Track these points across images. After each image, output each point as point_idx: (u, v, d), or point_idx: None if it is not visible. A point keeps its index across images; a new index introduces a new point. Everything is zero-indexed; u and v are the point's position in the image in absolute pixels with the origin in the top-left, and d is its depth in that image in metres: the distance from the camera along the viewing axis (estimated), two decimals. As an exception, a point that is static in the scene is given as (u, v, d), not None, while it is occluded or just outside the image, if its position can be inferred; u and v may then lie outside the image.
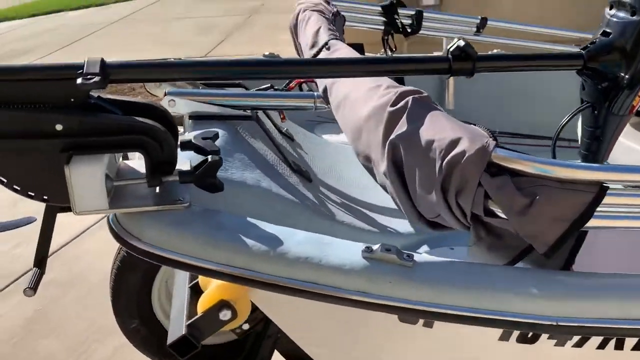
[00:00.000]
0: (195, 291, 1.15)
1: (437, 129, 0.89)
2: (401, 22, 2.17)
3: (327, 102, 1.33)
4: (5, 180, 0.87)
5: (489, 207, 0.84)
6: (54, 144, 0.86)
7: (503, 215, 0.83)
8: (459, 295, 0.81)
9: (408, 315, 0.82)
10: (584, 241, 0.91)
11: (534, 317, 0.80)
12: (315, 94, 1.37)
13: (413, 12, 2.17)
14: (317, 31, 1.52)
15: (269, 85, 1.50)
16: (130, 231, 0.89)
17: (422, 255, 0.86)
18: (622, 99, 1.17)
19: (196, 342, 0.95)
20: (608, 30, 1.17)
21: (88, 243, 2.72)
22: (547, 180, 0.80)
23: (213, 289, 1.06)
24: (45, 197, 0.89)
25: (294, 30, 1.88)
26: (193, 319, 0.97)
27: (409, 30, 2.21)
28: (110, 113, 0.88)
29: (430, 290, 0.81)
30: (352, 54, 1.29)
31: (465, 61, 0.98)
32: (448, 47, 0.98)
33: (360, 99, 1.11)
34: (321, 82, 1.33)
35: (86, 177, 0.85)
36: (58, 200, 0.90)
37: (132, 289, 1.67)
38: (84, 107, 0.86)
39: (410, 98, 0.97)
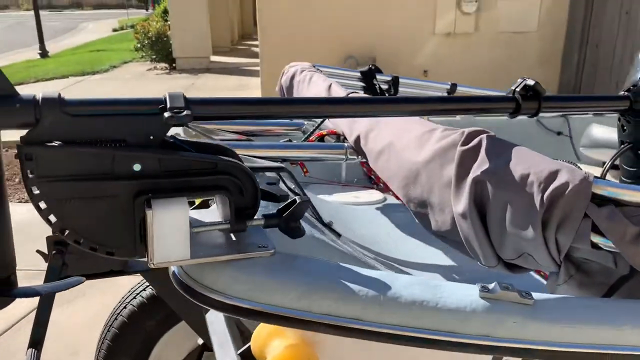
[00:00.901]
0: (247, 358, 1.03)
1: (529, 162, 0.87)
2: (379, 87, 2.23)
3: (359, 153, 1.29)
4: (69, 232, 0.75)
5: (593, 240, 0.82)
6: (130, 187, 0.75)
7: (607, 248, 0.82)
8: (584, 332, 0.76)
9: (533, 356, 0.76)
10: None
11: None
12: (346, 144, 1.34)
13: (389, 78, 2.24)
14: (330, 87, 1.52)
15: (287, 139, 1.46)
16: (209, 285, 0.78)
17: (535, 293, 0.81)
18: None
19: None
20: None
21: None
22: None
23: (281, 353, 0.95)
24: (112, 250, 0.78)
25: (286, 92, 1.87)
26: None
27: (386, 94, 2.28)
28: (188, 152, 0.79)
29: (555, 328, 0.76)
30: None
31: (532, 101, 0.99)
32: (514, 87, 0.99)
33: (413, 144, 1.09)
34: (353, 132, 1.30)
35: (170, 222, 0.74)
36: (125, 253, 0.78)
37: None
38: (162, 146, 0.77)
39: (483, 136, 0.96)
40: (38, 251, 1.21)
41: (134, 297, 1.54)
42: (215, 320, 1.25)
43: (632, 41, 4.46)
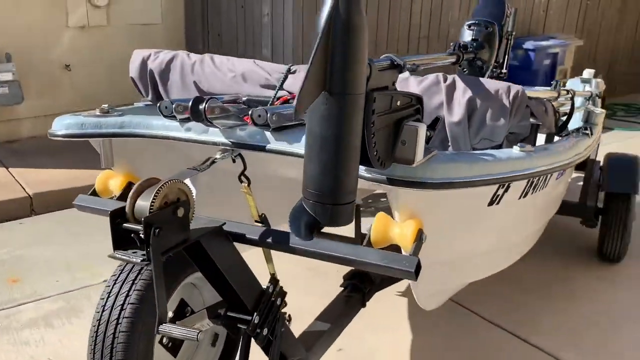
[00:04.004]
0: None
1: (492, 84, 1.56)
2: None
3: None
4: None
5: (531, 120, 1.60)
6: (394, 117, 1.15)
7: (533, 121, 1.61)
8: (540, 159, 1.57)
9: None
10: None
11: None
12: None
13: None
14: (254, 62, 1.82)
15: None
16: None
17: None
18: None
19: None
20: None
21: None
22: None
23: (407, 224, 1.40)
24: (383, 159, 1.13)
25: (159, 77, 1.98)
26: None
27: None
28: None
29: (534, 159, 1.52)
30: None
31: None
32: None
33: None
34: None
35: (421, 134, 1.17)
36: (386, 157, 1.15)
37: None
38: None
39: (454, 75, 1.59)
40: None
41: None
42: None
43: (252, 30, 5.53)
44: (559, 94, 2.06)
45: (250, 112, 1.46)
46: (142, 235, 1.25)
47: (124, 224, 1.29)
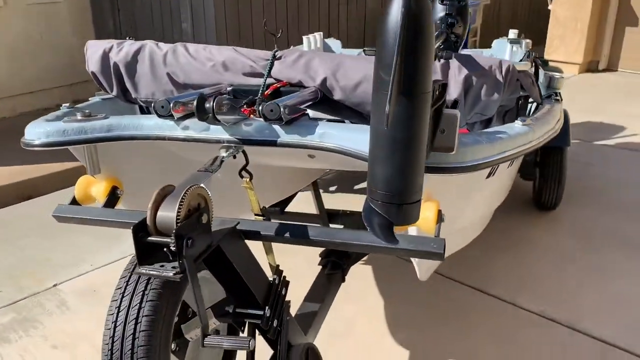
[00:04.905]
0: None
1: (485, 60, 1.60)
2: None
3: (326, 91, 1.66)
4: None
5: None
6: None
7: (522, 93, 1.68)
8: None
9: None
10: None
11: None
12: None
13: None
14: (235, 50, 1.73)
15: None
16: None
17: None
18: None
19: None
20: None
21: None
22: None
23: (427, 207, 1.42)
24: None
25: (126, 69, 1.85)
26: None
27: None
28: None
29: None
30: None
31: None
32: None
33: None
34: (315, 76, 1.64)
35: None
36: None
37: None
38: None
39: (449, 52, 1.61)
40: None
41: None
42: None
43: (169, 3, 5.25)
44: (532, 64, 2.17)
45: (260, 107, 1.40)
46: (172, 248, 1.19)
47: (149, 238, 1.22)
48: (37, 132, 1.54)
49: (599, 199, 3.83)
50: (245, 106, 1.55)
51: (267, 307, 1.58)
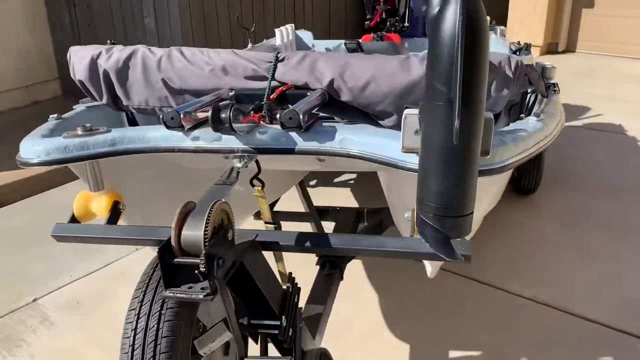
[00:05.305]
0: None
1: (490, 56, 1.58)
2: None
3: (333, 93, 1.61)
4: None
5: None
6: None
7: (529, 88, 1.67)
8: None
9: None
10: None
11: None
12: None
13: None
14: (234, 52, 1.66)
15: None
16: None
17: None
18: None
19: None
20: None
21: None
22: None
23: None
24: None
25: (117, 75, 1.76)
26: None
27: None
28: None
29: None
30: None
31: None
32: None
33: (398, 70, 1.57)
34: (322, 78, 1.58)
35: None
36: None
37: None
38: None
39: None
40: None
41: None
42: None
43: (130, 3, 5.06)
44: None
45: (278, 115, 1.34)
46: (202, 269, 1.14)
47: (175, 259, 1.16)
48: (35, 150, 1.44)
49: (572, 180, 3.92)
50: (252, 112, 1.49)
51: (283, 317, 1.55)
